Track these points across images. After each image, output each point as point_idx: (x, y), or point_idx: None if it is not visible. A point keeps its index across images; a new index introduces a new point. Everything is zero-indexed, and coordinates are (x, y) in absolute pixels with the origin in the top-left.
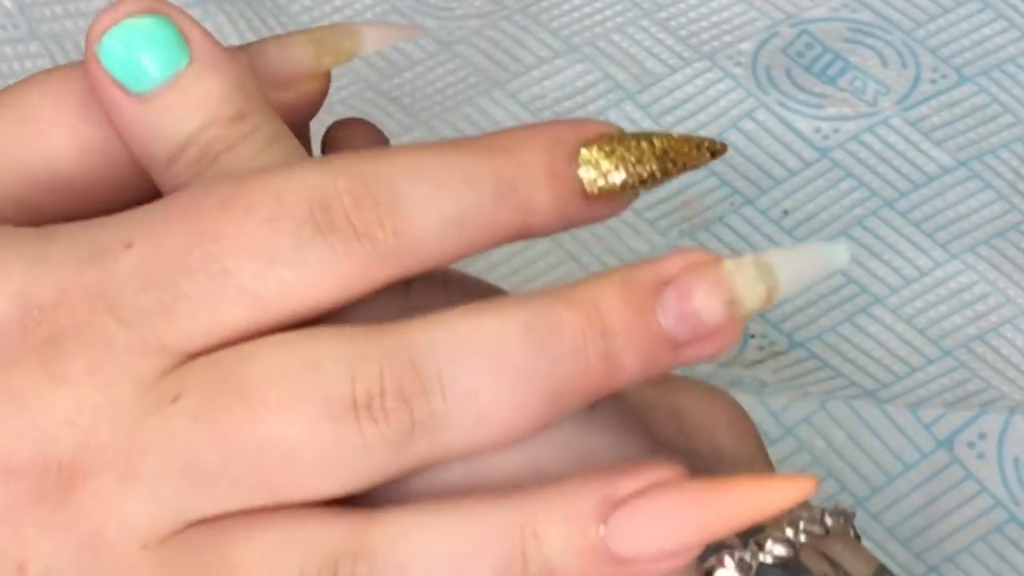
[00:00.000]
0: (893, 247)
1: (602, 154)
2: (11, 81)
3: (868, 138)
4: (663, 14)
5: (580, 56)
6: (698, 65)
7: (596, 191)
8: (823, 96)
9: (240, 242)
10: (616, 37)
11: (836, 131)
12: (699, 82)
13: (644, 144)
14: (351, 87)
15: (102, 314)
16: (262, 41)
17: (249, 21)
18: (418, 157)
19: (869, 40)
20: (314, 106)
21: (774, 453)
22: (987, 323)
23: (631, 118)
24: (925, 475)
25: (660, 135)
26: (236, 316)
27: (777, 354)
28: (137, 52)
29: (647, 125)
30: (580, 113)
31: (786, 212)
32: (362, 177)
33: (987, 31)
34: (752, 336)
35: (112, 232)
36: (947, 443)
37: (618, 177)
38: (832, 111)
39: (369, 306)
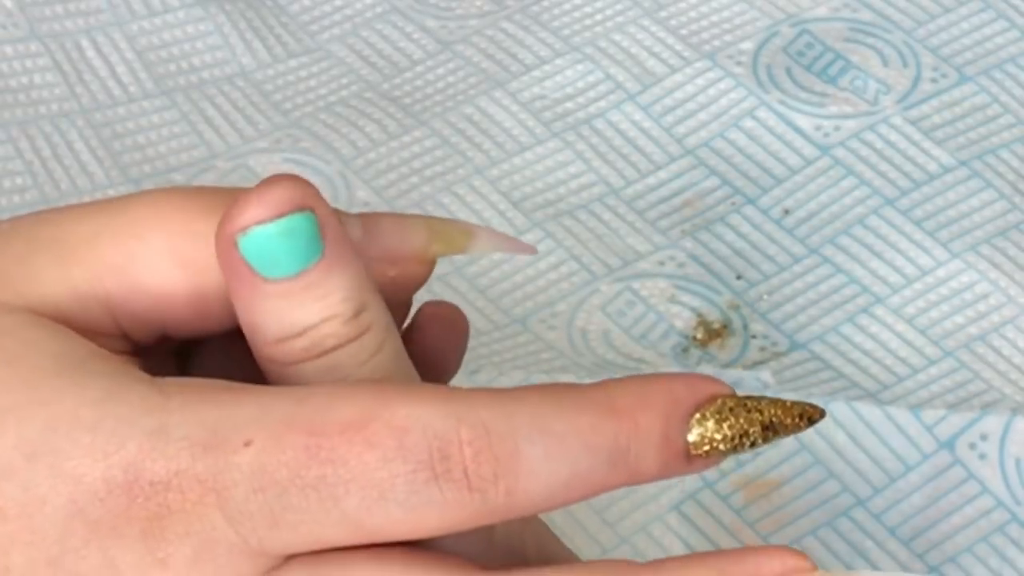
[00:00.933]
0: (895, 246)
1: (714, 423)
2: (11, 80)
3: (869, 136)
4: (664, 13)
5: (581, 56)
6: (699, 64)
7: (701, 454)
8: (824, 95)
9: (356, 472)
10: (617, 37)
11: (837, 129)
12: (700, 81)
13: (754, 414)
14: (352, 87)
15: (211, 506)
16: (379, 215)
17: (249, 21)
18: (541, 413)
19: (870, 40)
20: (416, 285)
21: (776, 454)
22: (988, 323)
23: (632, 118)
24: (927, 476)
25: (769, 404)
26: (336, 536)
27: (779, 355)
28: (277, 247)
29: (648, 125)
30: (581, 113)
31: (787, 211)
32: (485, 428)
33: (988, 31)
34: (754, 337)
35: (233, 423)
36: (949, 444)
37: (724, 446)
38: (833, 110)
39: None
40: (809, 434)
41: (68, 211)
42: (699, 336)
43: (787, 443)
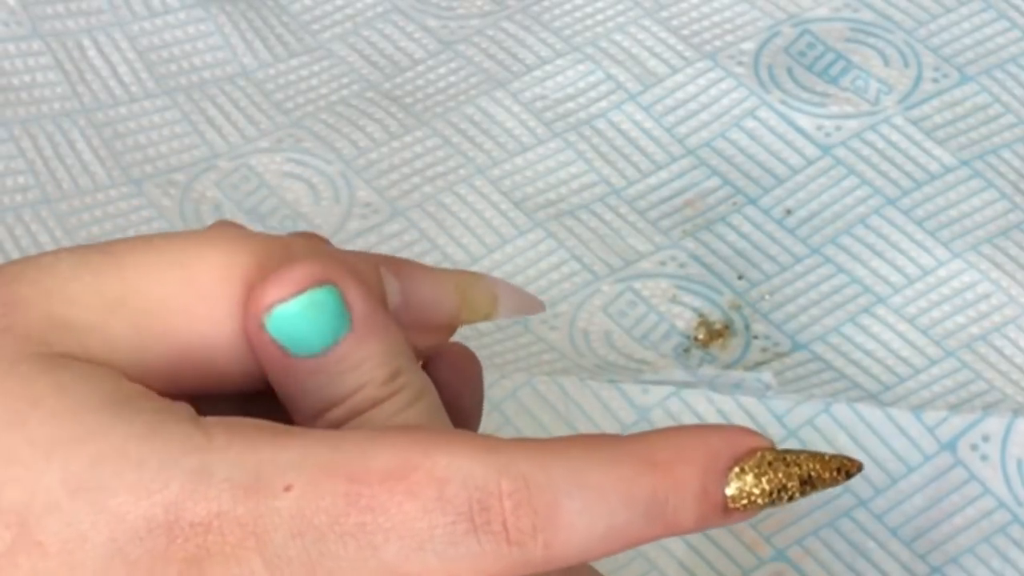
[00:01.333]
0: (896, 245)
1: (753, 477)
2: (13, 79)
3: (871, 136)
4: (665, 13)
5: (582, 56)
6: (700, 64)
7: (739, 507)
8: (825, 95)
9: (396, 521)
10: (618, 37)
11: (838, 128)
12: (701, 81)
13: (793, 468)
14: (353, 86)
15: (250, 550)
16: (413, 270)
17: (250, 21)
18: (580, 465)
19: (871, 39)
20: (436, 349)
21: None
22: (990, 323)
23: (633, 118)
24: (928, 477)
25: (808, 457)
26: None
27: (780, 355)
28: (303, 325)
29: (649, 125)
30: (582, 114)
31: (789, 211)
32: (525, 481)
33: (989, 31)
34: (755, 337)
35: (275, 466)
36: (950, 446)
37: (763, 500)
38: (834, 109)
39: None
40: (810, 434)
41: (131, 262)
42: (701, 336)
43: (790, 445)
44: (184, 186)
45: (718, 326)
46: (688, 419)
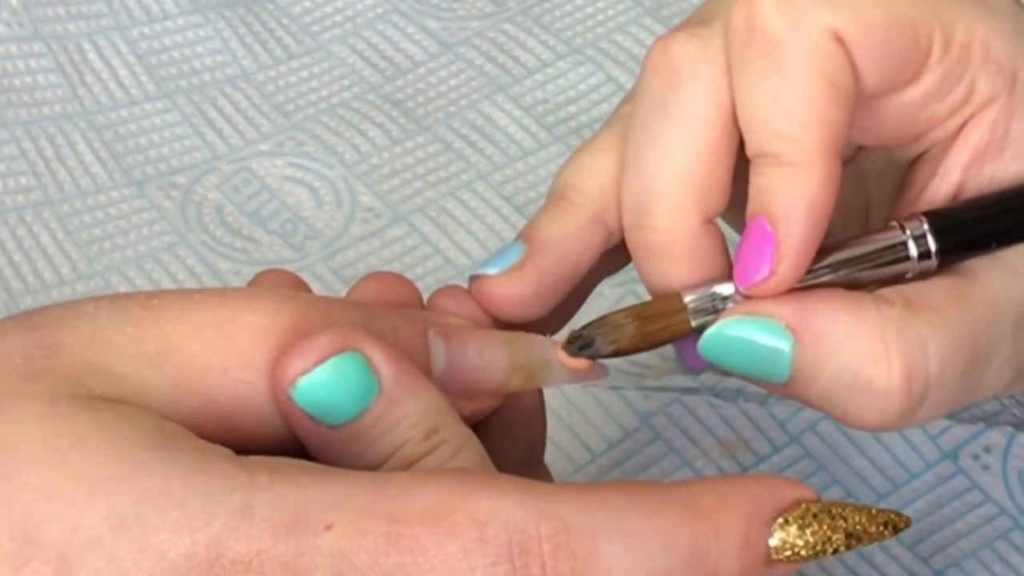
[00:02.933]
0: None
1: (797, 529)
2: (15, 80)
3: None
4: (666, 12)
5: (583, 58)
6: None
7: (782, 559)
8: None
9: (436, 562)
10: (619, 37)
11: None
12: None
13: (838, 521)
14: (353, 88)
15: None
16: (464, 335)
17: (249, 25)
18: (621, 511)
19: None
20: (485, 415)
21: (779, 460)
22: None
23: None
24: (930, 483)
25: (853, 511)
26: None
27: None
28: (330, 394)
29: None
30: (584, 117)
31: None
32: (564, 524)
33: None
34: None
35: (316, 506)
36: (952, 454)
37: (806, 552)
38: None
39: None
40: (812, 440)
41: (172, 317)
42: None
43: (791, 450)
44: (186, 188)
45: None
46: (690, 424)
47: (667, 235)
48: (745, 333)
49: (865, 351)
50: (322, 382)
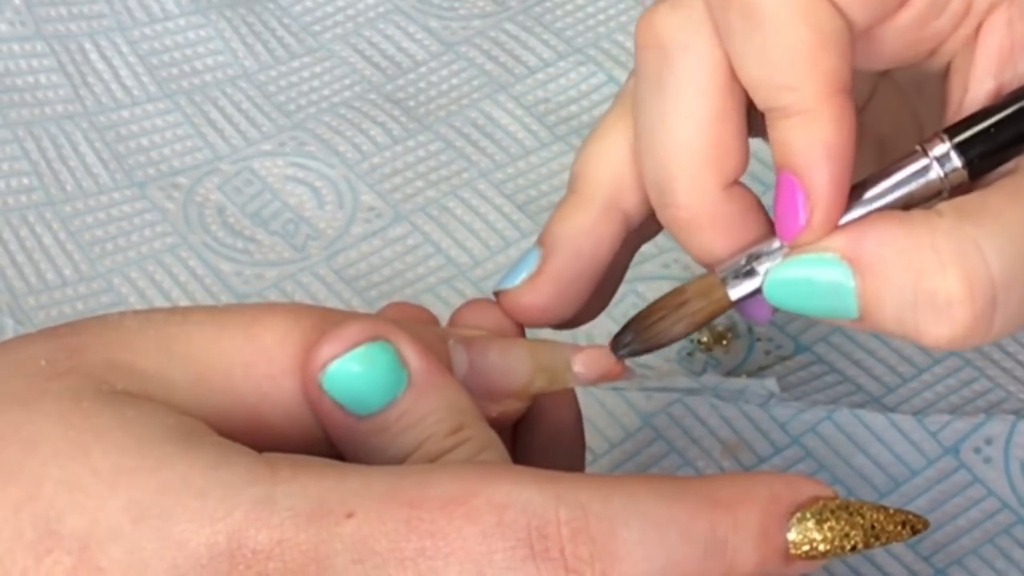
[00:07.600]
0: None
1: (815, 523)
2: (17, 79)
3: None
4: None
5: (584, 58)
6: None
7: (800, 555)
8: None
9: (456, 546)
10: (620, 37)
11: None
12: None
13: (856, 518)
14: (355, 87)
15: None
16: (486, 342)
17: (251, 25)
18: (641, 499)
19: None
20: (513, 420)
21: (781, 461)
22: None
23: None
24: (932, 480)
25: (871, 508)
26: None
27: (783, 359)
28: (359, 382)
29: None
30: (585, 116)
31: None
32: (583, 509)
33: None
34: (759, 340)
35: (338, 495)
36: (953, 449)
37: (825, 547)
38: None
39: None
40: (814, 441)
41: (195, 319)
42: (704, 340)
43: (793, 451)
44: (187, 189)
45: (721, 329)
46: (692, 424)
47: (690, 210)
48: (803, 272)
49: (919, 264)
50: (352, 369)
